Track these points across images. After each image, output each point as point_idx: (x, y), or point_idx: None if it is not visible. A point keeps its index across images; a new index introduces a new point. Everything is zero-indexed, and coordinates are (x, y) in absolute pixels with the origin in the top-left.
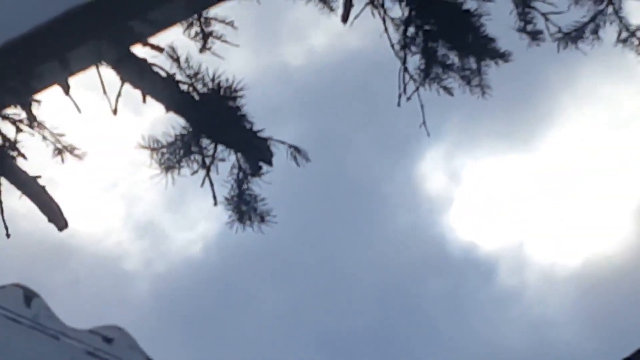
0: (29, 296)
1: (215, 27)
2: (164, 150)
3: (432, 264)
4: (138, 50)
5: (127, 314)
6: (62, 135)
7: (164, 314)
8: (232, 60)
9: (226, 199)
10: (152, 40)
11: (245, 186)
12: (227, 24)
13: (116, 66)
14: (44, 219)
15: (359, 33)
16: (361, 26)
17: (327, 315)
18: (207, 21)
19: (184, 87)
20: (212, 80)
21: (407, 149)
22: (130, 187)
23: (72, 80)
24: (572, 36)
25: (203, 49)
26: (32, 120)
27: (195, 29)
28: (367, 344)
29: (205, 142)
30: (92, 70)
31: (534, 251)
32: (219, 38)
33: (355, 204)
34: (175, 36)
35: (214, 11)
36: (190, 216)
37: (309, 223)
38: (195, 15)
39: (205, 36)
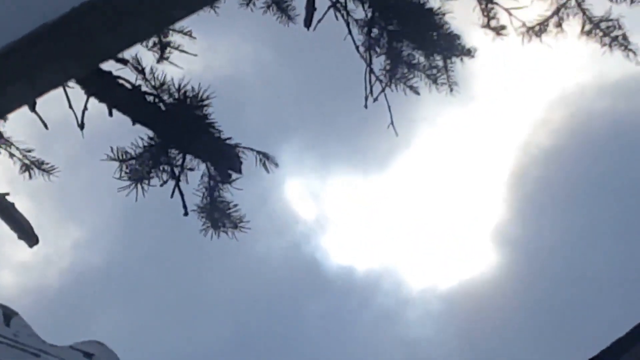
0: (9, 315)
1: (173, 38)
2: (133, 162)
3: (307, 287)
4: (103, 63)
5: None
6: (29, 150)
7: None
8: (193, 67)
9: (198, 207)
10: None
11: (216, 194)
12: (185, 34)
13: (81, 81)
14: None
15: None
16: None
17: (194, 343)
18: (165, 32)
19: (150, 99)
20: (178, 90)
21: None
22: None
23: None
24: (536, 30)
25: (161, 59)
26: None
27: (153, 39)
28: None
29: (173, 152)
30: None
31: (408, 273)
32: (176, 48)
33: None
34: (134, 47)
35: None
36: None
37: (175, 246)
38: None
39: (163, 46)
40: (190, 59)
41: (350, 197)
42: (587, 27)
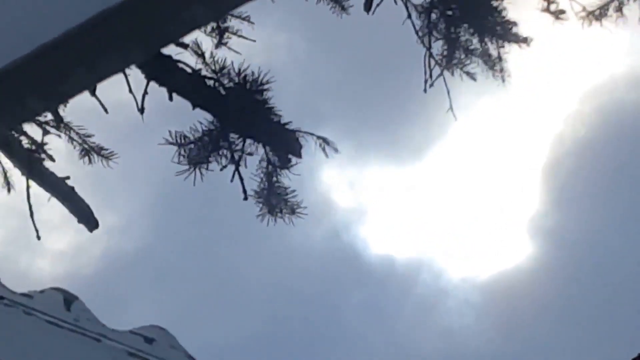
0: (69, 300)
1: (232, 23)
2: (192, 145)
3: (347, 276)
4: (164, 48)
5: None
6: (89, 136)
7: None
8: (253, 53)
9: (256, 192)
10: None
11: (274, 179)
12: (244, 19)
13: (141, 65)
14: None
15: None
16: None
17: (235, 331)
18: (224, 17)
19: (210, 83)
20: (238, 74)
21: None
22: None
23: None
24: (596, 14)
25: (219, 44)
26: (58, 121)
27: (212, 24)
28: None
29: (233, 136)
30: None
31: (446, 263)
32: (234, 33)
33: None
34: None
35: None
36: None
37: (215, 234)
38: None
39: (222, 32)
40: (247, 44)
41: (387, 187)
42: None
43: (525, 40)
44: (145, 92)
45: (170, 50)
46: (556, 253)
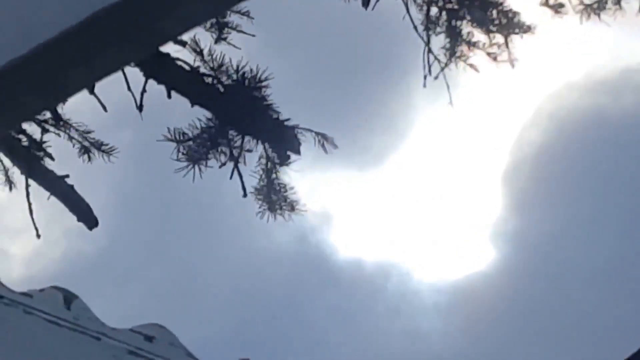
0: (69, 298)
1: (231, 18)
2: (191, 142)
3: (313, 281)
4: (161, 46)
5: None
6: (88, 132)
7: None
8: (251, 49)
9: (255, 189)
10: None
11: (274, 176)
12: (243, 14)
13: (140, 63)
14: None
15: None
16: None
17: (201, 338)
18: (223, 14)
19: (208, 80)
20: (236, 71)
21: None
22: None
23: None
24: (594, 7)
25: (219, 39)
26: (57, 119)
27: (211, 20)
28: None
29: (232, 133)
30: None
31: (412, 267)
32: (234, 28)
33: (224, 222)
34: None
35: None
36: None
37: (177, 238)
38: None
39: (221, 27)
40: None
41: (350, 191)
42: None
43: (529, 29)
44: (144, 90)
45: (169, 47)
46: (517, 257)
